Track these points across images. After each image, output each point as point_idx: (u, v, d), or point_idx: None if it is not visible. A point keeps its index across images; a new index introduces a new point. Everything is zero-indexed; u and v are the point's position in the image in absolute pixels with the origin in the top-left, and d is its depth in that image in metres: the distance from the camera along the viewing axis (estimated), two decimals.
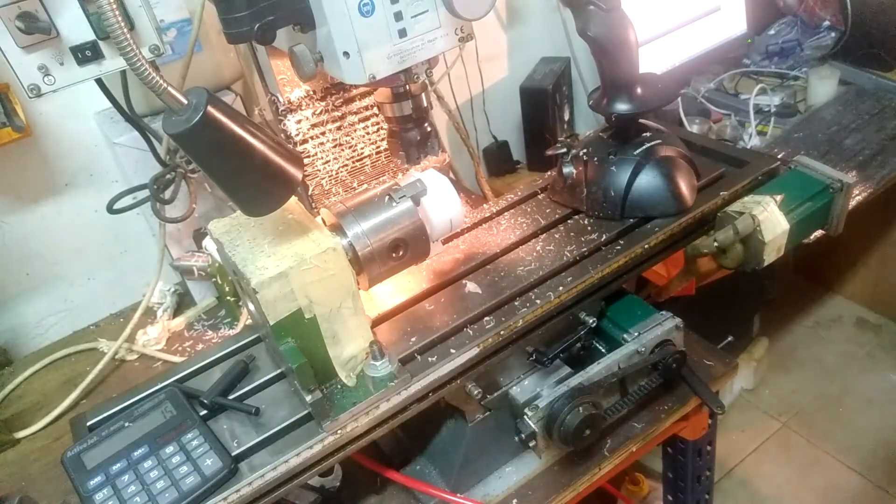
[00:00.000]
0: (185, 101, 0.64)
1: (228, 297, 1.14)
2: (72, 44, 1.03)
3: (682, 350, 0.95)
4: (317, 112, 1.00)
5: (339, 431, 0.76)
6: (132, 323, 1.15)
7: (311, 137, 1.02)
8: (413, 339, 0.84)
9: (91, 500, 0.71)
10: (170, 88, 0.63)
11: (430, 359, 0.81)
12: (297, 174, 0.73)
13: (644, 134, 0.99)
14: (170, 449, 0.75)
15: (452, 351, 0.82)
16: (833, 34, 1.80)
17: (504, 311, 0.87)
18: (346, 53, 0.75)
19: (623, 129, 1.00)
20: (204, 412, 0.81)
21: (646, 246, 0.93)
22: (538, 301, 0.87)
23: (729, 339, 2.07)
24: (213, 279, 1.13)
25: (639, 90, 0.95)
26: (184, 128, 0.63)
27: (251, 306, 0.82)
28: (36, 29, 0.98)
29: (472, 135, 1.73)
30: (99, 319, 1.29)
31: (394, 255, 0.81)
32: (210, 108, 0.63)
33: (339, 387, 0.80)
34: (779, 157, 1.10)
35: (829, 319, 2.40)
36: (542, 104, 1.66)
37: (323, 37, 0.76)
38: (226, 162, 0.68)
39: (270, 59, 0.95)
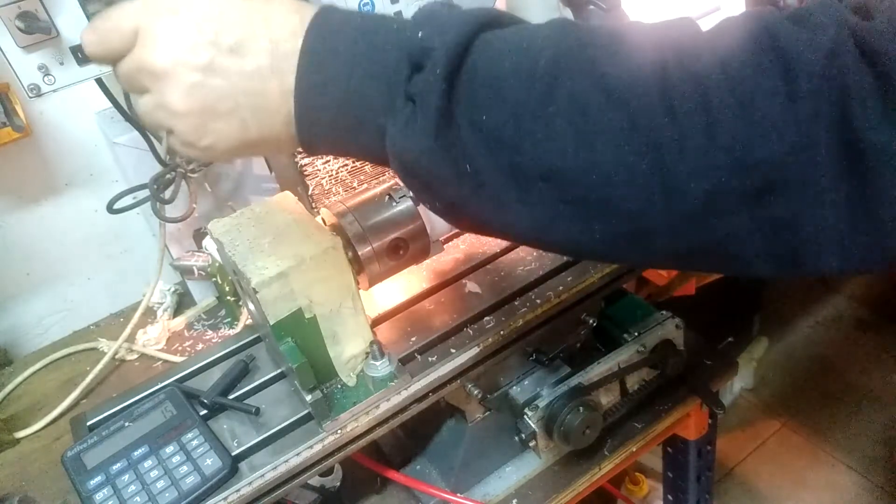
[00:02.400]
0: None
1: (228, 297, 1.13)
2: (72, 44, 1.03)
3: (682, 350, 0.95)
4: None
5: (339, 431, 0.76)
6: (132, 323, 1.15)
7: None
8: (413, 339, 0.84)
9: (91, 500, 0.71)
10: None
11: (430, 359, 0.81)
12: None
13: None
14: (170, 449, 0.75)
15: (452, 351, 0.82)
16: None
17: (504, 311, 0.87)
18: None
19: None
20: (204, 412, 0.81)
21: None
22: (538, 301, 0.87)
23: (729, 339, 2.07)
24: (213, 279, 1.13)
25: None
26: None
27: (251, 306, 0.82)
28: (36, 29, 0.98)
29: None
30: (99, 319, 1.29)
31: (394, 254, 0.81)
32: None
33: (339, 386, 0.80)
34: None
35: (829, 319, 2.40)
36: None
37: None
38: None
39: None
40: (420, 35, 0.43)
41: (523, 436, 0.89)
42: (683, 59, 0.39)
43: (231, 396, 0.83)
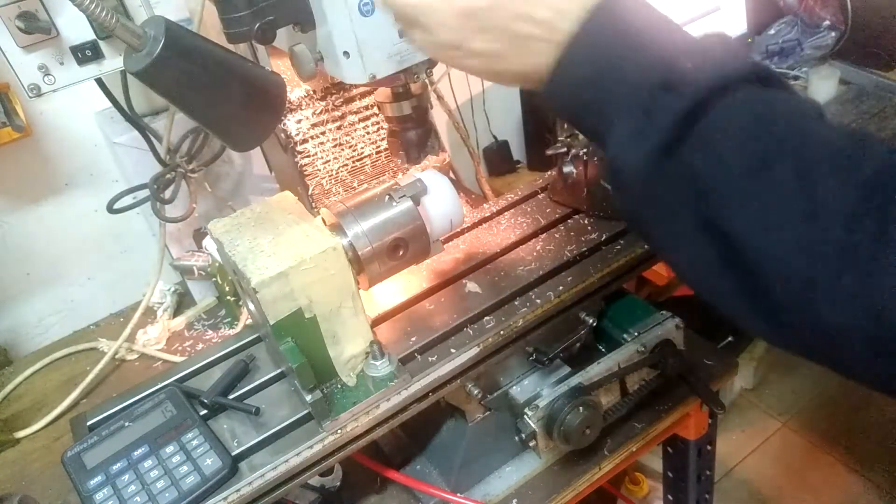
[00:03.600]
0: (143, 33, 0.59)
1: (228, 297, 1.14)
2: (72, 44, 1.03)
3: (682, 350, 0.95)
4: (317, 112, 1.00)
5: (339, 431, 0.76)
6: (132, 323, 1.15)
7: (311, 137, 1.02)
8: (413, 339, 0.84)
9: (91, 500, 0.71)
10: (124, 21, 0.59)
11: (430, 358, 0.81)
12: (281, 97, 0.70)
13: None
14: (170, 448, 0.75)
15: (452, 351, 0.82)
16: (833, 34, 1.79)
17: (504, 310, 0.87)
18: (346, 53, 0.75)
19: None
20: (204, 412, 0.81)
21: (646, 246, 0.93)
22: (538, 301, 0.87)
23: (729, 339, 2.07)
24: (213, 279, 1.13)
25: None
26: (146, 62, 0.59)
27: (251, 306, 0.82)
28: (36, 29, 0.98)
29: (472, 134, 1.73)
30: (99, 319, 1.29)
31: (394, 254, 0.81)
32: (171, 36, 0.59)
33: (339, 386, 0.80)
34: None
35: None
36: (542, 103, 1.65)
37: (323, 36, 0.76)
38: (199, 94, 0.65)
39: (270, 58, 0.95)
40: (685, 65, 0.46)
41: (523, 436, 0.89)
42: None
43: (231, 396, 0.83)
